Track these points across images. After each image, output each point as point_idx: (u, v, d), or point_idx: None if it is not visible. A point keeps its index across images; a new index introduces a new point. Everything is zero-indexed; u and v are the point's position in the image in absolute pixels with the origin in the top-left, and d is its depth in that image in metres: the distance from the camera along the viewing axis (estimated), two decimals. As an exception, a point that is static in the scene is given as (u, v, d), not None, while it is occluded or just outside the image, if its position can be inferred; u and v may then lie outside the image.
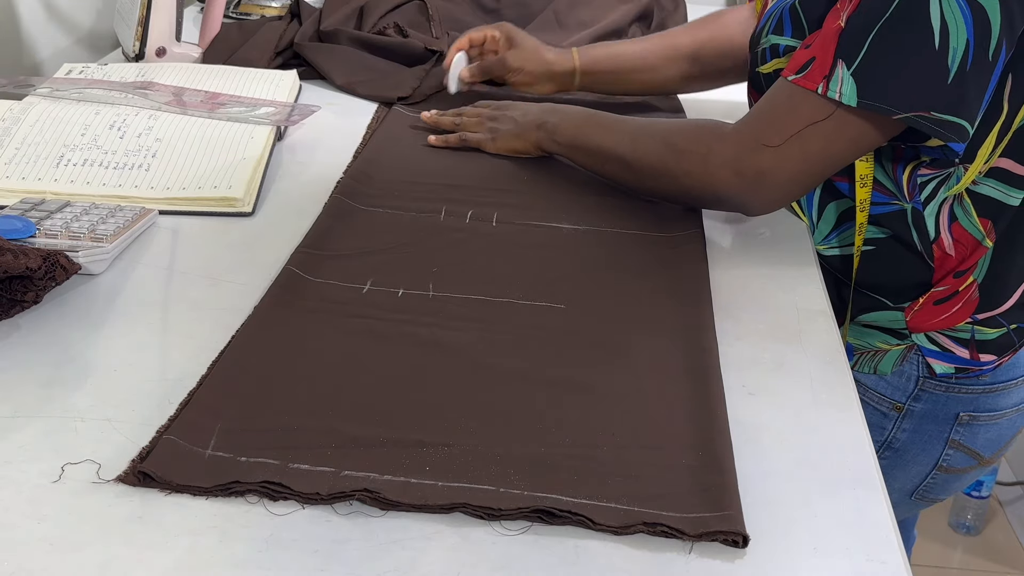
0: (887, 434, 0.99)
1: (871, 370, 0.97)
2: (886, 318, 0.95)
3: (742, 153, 0.86)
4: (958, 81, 0.78)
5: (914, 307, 0.92)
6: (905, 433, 0.98)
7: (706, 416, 0.67)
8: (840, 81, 0.81)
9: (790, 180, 0.86)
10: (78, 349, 0.73)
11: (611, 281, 0.85)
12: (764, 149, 0.85)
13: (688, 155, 0.90)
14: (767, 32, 0.94)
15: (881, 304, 0.95)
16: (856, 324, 0.98)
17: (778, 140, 0.84)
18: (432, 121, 1.14)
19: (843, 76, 0.80)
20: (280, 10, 1.53)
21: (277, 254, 0.86)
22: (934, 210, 0.89)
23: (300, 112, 1.12)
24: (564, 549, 0.57)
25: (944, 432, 0.97)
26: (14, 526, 0.56)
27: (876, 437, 0.98)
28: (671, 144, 0.91)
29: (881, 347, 0.96)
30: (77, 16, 1.48)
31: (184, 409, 0.66)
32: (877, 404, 0.98)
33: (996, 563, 2.11)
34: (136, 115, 1.06)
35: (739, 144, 0.87)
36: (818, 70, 0.82)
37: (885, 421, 0.98)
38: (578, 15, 1.53)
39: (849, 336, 0.98)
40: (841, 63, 0.81)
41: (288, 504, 0.59)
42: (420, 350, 0.74)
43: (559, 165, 1.07)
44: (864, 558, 0.58)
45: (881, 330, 0.96)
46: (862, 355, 0.98)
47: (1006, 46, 0.79)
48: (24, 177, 0.96)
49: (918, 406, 0.96)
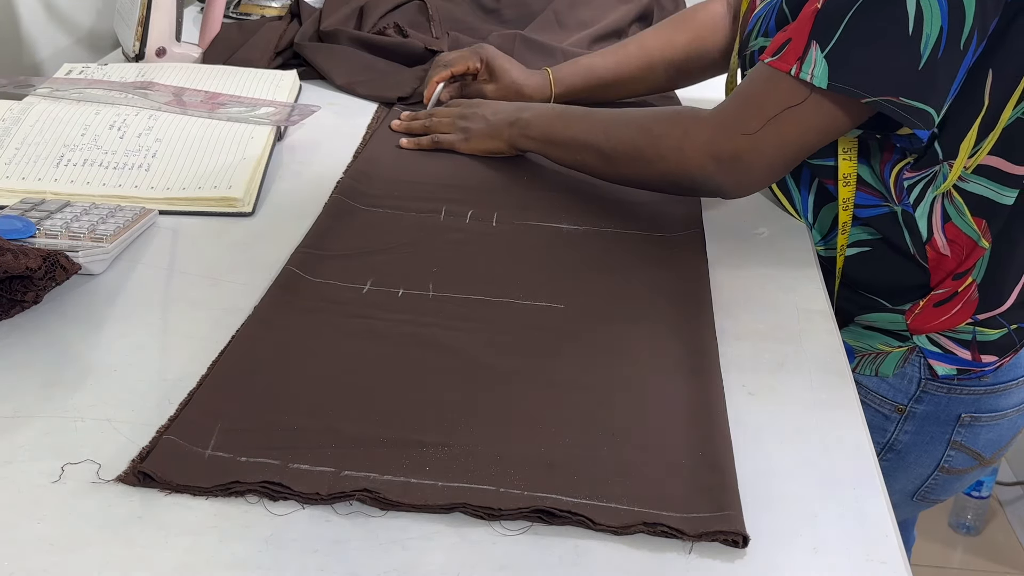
0: (889, 436, 0.99)
1: (872, 372, 0.97)
2: (886, 320, 0.95)
3: (718, 137, 0.86)
4: (929, 68, 0.78)
5: (915, 309, 0.92)
6: (907, 435, 0.98)
7: (706, 416, 0.67)
8: (813, 63, 0.80)
9: (767, 165, 0.86)
10: (78, 349, 0.73)
11: (611, 281, 0.85)
12: (741, 134, 0.84)
13: (663, 139, 0.89)
14: (756, 35, 0.94)
15: (879, 305, 0.95)
16: (856, 326, 0.98)
17: (756, 124, 0.84)
18: (403, 127, 1.13)
19: (816, 58, 0.80)
20: (280, 10, 1.53)
21: (277, 254, 0.86)
22: (925, 211, 0.89)
23: (300, 112, 1.12)
24: (564, 549, 0.57)
25: (946, 433, 0.97)
26: (14, 526, 0.56)
27: (877, 439, 0.97)
28: (646, 129, 0.91)
29: (882, 349, 0.96)
30: (77, 16, 1.48)
31: (184, 409, 0.66)
32: (879, 406, 0.98)
33: (996, 563, 2.11)
34: (136, 115, 1.06)
35: (716, 128, 0.86)
36: (792, 52, 0.82)
37: (887, 423, 0.98)
38: (578, 15, 1.53)
39: (849, 338, 0.98)
40: (815, 45, 0.80)
41: (288, 504, 0.59)
42: (420, 350, 0.74)
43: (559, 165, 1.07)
44: (864, 558, 0.58)
45: (882, 332, 0.96)
46: (863, 357, 0.98)
47: (977, 36, 0.79)
48: (24, 177, 0.96)
49: (920, 408, 0.96)
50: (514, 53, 1.35)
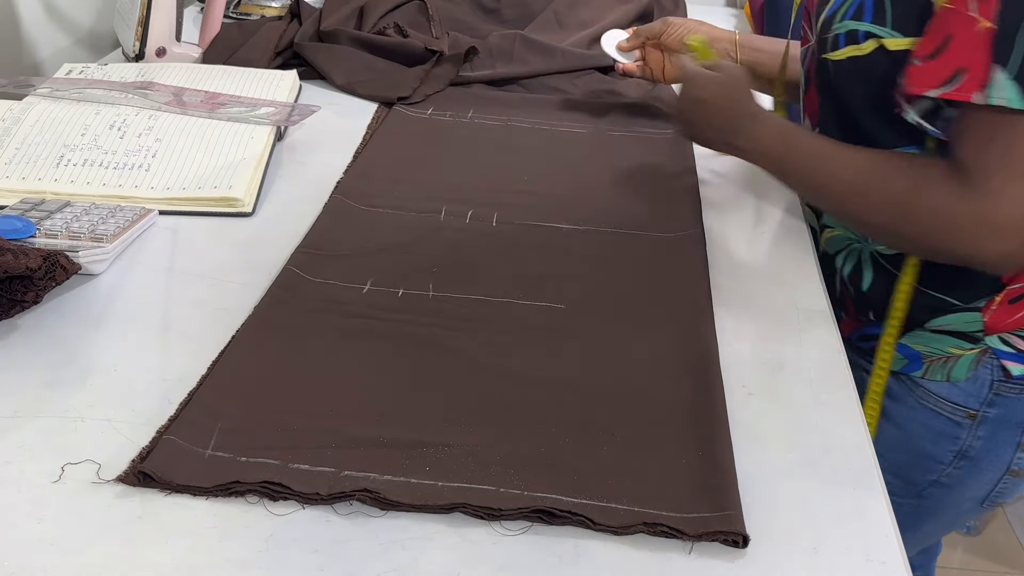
0: (961, 443, 0.95)
1: (944, 377, 0.93)
2: (961, 321, 0.91)
3: (999, 215, 0.76)
4: None
5: (990, 306, 0.90)
6: (980, 440, 0.95)
7: (706, 416, 0.67)
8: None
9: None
10: (78, 349, 0.73)
11: (611, 281, 0.85)
12: (1004, 196, 0.75)
13: (924, 221, 0.79)
14: (842, 16, 0.86)
15: (951, 306, 0.91)
16: (924, 330, 0.93)
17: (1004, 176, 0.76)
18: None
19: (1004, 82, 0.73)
20: (280, 10, 1.53)
21: (277, 254, 0.86)
22: None
23: (300, 112, 1.12)
24: (564, 549, 0.57)
25: (1016, 436, 0.95)
26: (14, 526, 0.56)
27: (949, 447, 0.95)
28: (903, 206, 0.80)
29: (953, 352, 0.92)
30: (77, 16, 1.47)
31: (184, 409, 0.66)
32: (950, 414, 0.94)
33: (996, 563, 2.11)
34: (136, 115, 1.06)
35: (982, 204, 0.76)
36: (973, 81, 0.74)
37: (959, 430, 0.95)
38: (578, 15, 1.53)
39: (918, 343, 0.94)
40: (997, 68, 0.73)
41: (288, 504, 0.59)
42: (420, 350, 0.74)
43: (559, 165, 1.07)
44: (864, 558, 0.58)
45: (954, 335, 0.92)
46: (932, 362, 0.93)
47: None
48: (24, 177, 0.96)
49: (992, 411, 0.93)
50: (514, 53, 1.36)
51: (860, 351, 0.99)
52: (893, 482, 0.96)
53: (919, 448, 0.96)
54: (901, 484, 0.97)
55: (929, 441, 0.95)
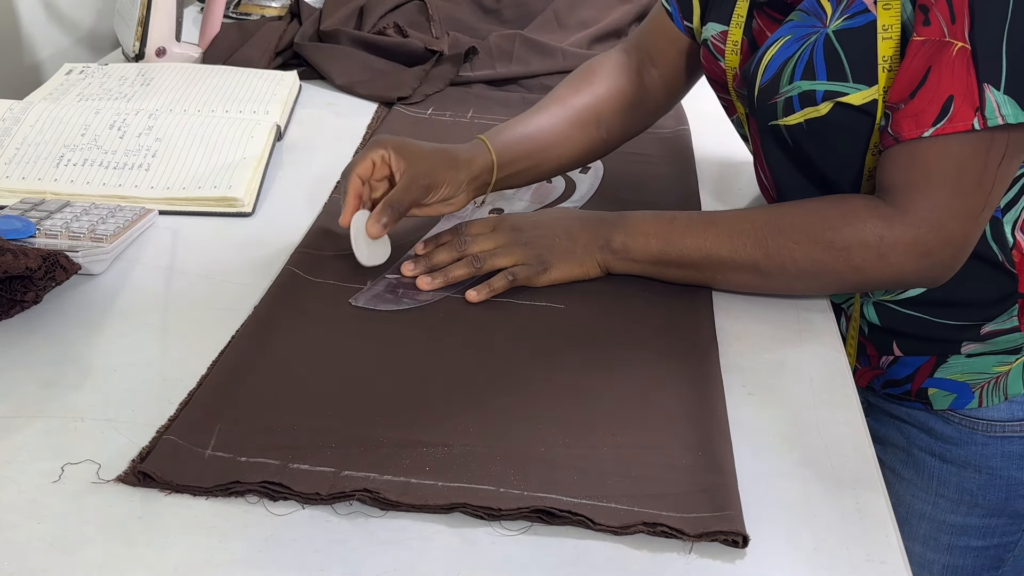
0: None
1: (1001, 398, 0.91)
2: (1005, 341, 0.89)
3: (924, 234, 0.76)
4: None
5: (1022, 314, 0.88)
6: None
7: (706, 416, 0.67)
8: (995, 105, 0.72)
9: (977, 230, 0.78)
10: (78, 349, 0.73)
11: (611, 281, 0.84)
12: (947, 220, 0.76)
13: (854, 251, 0.77)
14: (790, 78, 0.81)
15: (976, 326, 0.89)
16: (960, 356, 0.90)
17: (980, 202, 0.76)
18: (426, 264, 0.84)
19: (996, 99, 0.72)
20: (280, 10, 1.53)
21: (277, 254, 0.86)
22: (1013, 216, 0.84)
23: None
24: (564, 549, 0.57)
25: None
26: (14, 526, 0.56)
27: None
28: (826, 242, 0.78)
29: (1000, 371, 0.91)
30: (77, 16, 1.47)
31: (184, 409, 0.66)
32: (1020, 432, 0.92)
33: None
34: (136, 115, 1.06)
35: (917, 225, 0.76)
36: (965, 107, 0.73)
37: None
38: (578, 15, 1.53)
39: (962, 375, 0.91)
40: (987, 87, 0.72)
41: (288, 504, 0.59)
42: (420, 350, 0.74)
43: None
44: (864, 558, 0.58)
45: (994, 354, 0.90)
46: (983, 387, 0.91)
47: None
48: (24, 177, 0.96)
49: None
50: (514, 53, 1.36)
51: (891, 397, 0.96)
52: (999, 522, 0.95)
53: (1009, 479, 0.93)
54: (1007, 521, 0.95)
55: (1016, 468, 0.93)
